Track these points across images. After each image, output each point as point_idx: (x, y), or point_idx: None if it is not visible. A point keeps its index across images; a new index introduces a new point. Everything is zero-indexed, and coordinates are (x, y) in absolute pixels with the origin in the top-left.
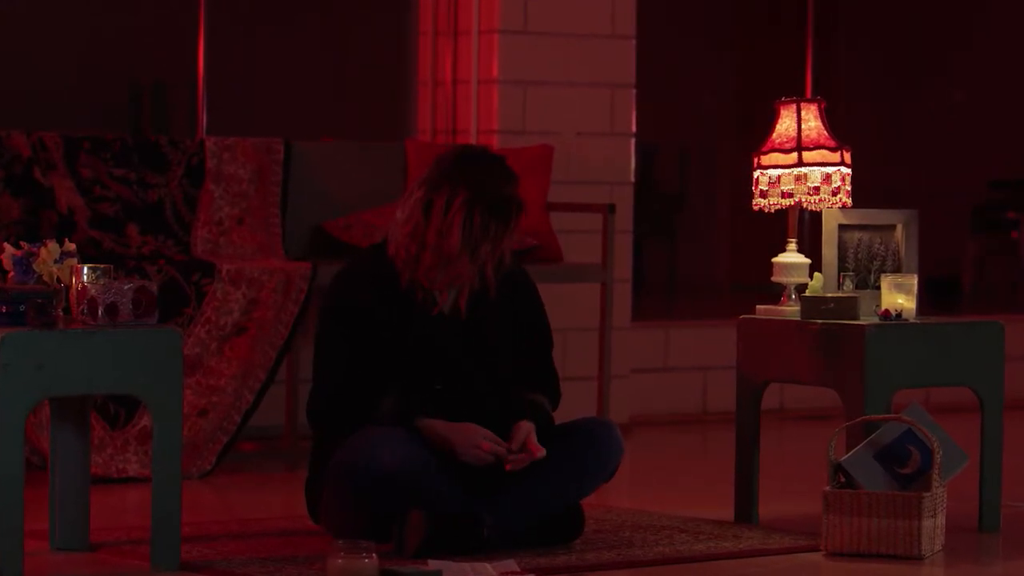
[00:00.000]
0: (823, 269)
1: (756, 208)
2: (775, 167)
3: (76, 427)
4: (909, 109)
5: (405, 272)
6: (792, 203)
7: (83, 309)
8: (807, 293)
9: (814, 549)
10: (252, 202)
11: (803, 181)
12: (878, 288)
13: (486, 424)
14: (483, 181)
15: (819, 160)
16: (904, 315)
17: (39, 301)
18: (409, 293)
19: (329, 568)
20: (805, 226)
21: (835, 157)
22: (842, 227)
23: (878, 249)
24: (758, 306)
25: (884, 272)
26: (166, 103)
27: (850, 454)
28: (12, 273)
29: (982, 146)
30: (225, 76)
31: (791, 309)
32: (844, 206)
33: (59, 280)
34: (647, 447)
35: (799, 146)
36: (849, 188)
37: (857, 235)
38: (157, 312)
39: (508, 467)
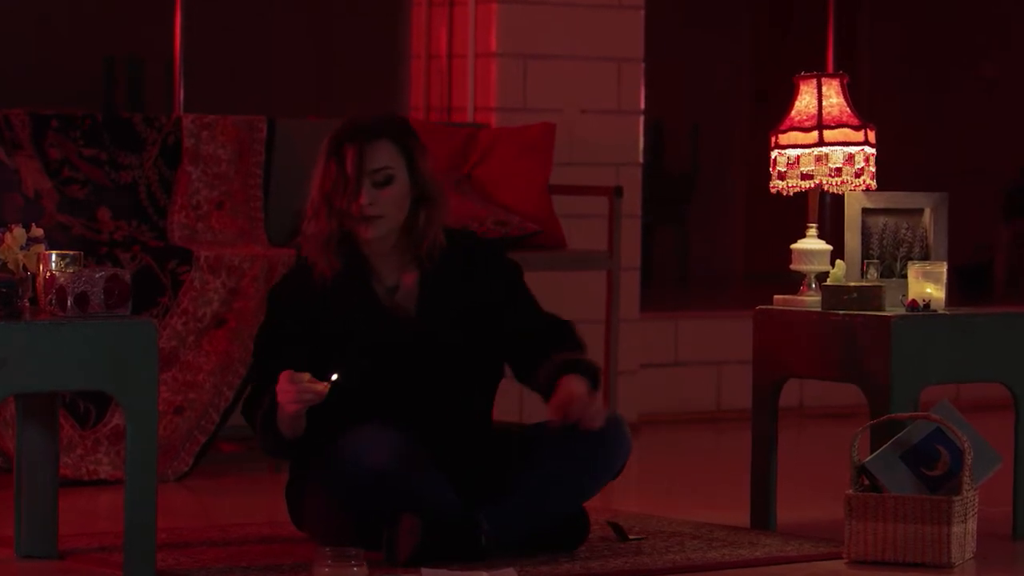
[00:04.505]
0: (845, 256)
1: (774, 191)
2: (794, 147)
3: (44, 426)
4: (937, 87)
5: (327, 271)
6: (812, 185)
7: (51, 299)
8: (828, 282)
9: (836, 557)
10: (232, 184)
11: (824, 162)
12: (905, 277)
13: (449, 436)
14: (345, 126)
15: (841, 139)
16: (933, 306)
17: (3, 291)
18: (342, 292)
19: None
20: (826, 210)
21: (858, 136)
22: (866, 211)
23: (905, 235)
24: (775, 296)
25: (911, 259)
26: (141, 78)
27: (874, 455)
28: None
29: (1015, 127)
30: (204, 49)
31: (811, 299)
32: (868, 189)
33: (25, 268)
34: (656, 447)
35: (820, 124)
36: (873, 169)
37: (882, 220)
38: (130, 302)
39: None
